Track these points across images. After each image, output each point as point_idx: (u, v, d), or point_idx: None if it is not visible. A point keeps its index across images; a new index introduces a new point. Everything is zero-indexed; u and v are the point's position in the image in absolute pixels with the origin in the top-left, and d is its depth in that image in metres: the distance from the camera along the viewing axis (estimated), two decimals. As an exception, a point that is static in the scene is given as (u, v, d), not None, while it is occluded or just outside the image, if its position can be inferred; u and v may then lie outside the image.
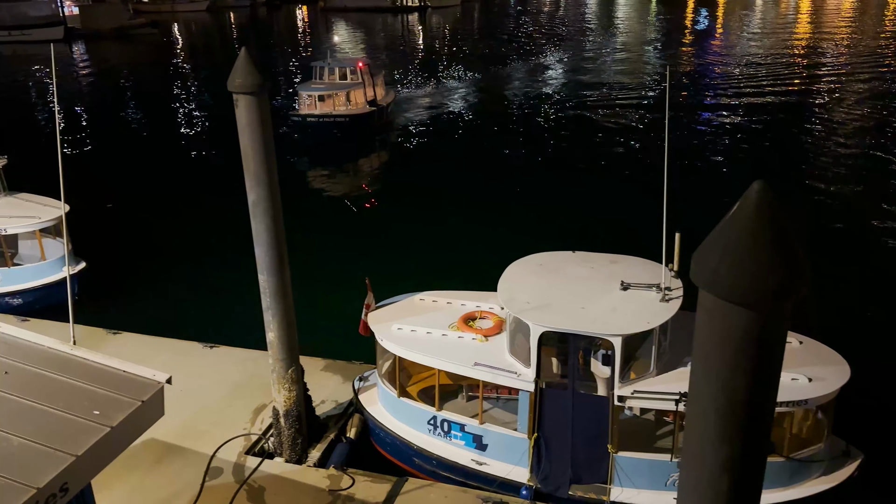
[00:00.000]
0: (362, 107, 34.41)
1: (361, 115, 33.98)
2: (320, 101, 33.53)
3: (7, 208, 17.84)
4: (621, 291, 10.37)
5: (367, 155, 33.76)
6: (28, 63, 64.92)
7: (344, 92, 33.95)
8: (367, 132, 34.43)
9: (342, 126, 33.32)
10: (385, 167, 32.54)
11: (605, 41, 71.99)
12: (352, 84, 34.39)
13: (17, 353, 6.73)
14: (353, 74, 34.67)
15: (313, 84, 34.66)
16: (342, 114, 33.43)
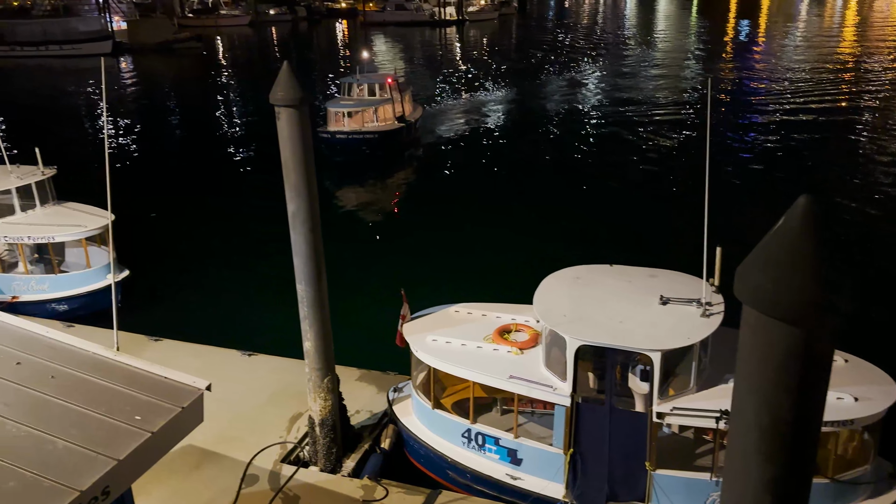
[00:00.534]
0: (391, 123, 34.18)
1: (390, 131, 33.76)
2: (349, 118, 33.33)
3: (55, 217, 18.40)
4: (660, 306, 10.21)
5: (399, 170, 33.65)
6: (77, 76, 67.02)
7: (372, 108, 33.76)
8: (395, 148, 34.22)
9: (371, 142, 33.12)
10: (416, 181, 32.50)
11: (643, 53, 71.46)
12: (380, 100, 34.17)
13: (63, 358, 6.90)
14: (381, 90, 34.52)
15: (342, 100, 34.52)
16: (371, 130, 33.18)
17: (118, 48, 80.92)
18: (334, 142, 32.77)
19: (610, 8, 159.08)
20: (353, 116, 33.29)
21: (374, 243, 23.93)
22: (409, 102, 36.55)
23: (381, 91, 34.46)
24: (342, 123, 33.16)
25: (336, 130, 32.94)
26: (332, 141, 32.74)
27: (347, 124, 33.17)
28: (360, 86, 34.76)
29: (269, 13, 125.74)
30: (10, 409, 6.14)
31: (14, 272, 18.29)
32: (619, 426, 9.99)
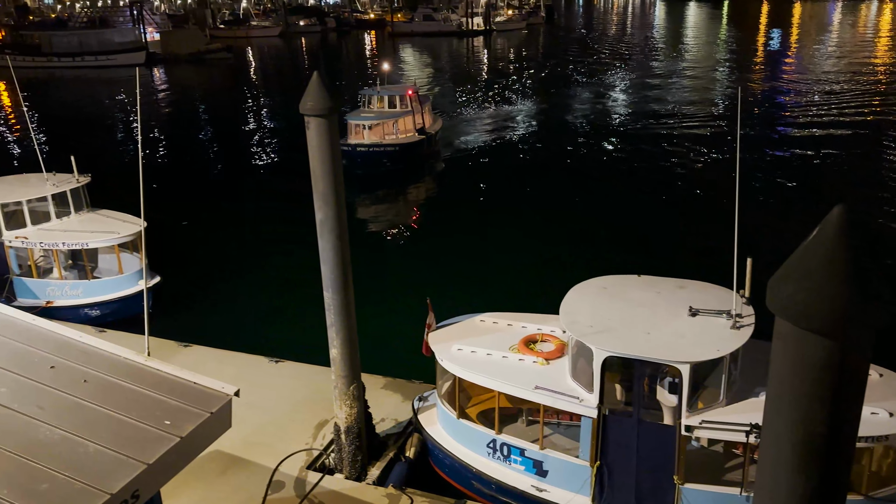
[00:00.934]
0: (412, 135, 33.74)
1: (411, 143, 33.33)
2: (369, 130, 32.67)
3: (89, 224, 18.77)
4: (689, 317, 10.09)
5: (420, 181, 33.53)
6: (112, 86, 68.45)
7: (393, 120, 33.25)
8: (416, 160, 33.81)
9: (392, 155, 32.63)
10: (439, 192, 32.44)
11: (672, 62, 70.98)
12: (401, 112, 33.76)
13: (96, 363, 7.02)
14: (402, 102, 34.12)
15: (362, 112, 34.00)
16: (392, 143, 32.68)
17: (151, 58, 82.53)
18: (355, 155, 32.07)
19: (639, 18, 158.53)
20: (373, 129, 32.74)
21: (399, 252, 24.04)
22: (428, 114, 36.23)
23: (402, 103, 34.17)
24: (362, 136, 32.65)
25: (356, 143, 32.41)
26: (353, 154, 32.07)
27: (367, 137, 32.61)
28: (380, 98, 34.41)
29: (299, 24, 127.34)
30: (45, 413, 6.26)
31: (49, 277, 18.69)
32: (646, 439, 9.86)
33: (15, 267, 18.45)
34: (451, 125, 44.13)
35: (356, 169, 31.70)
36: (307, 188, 10.76)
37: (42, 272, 18.80)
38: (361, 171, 31.84)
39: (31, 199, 18.50)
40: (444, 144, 38.55)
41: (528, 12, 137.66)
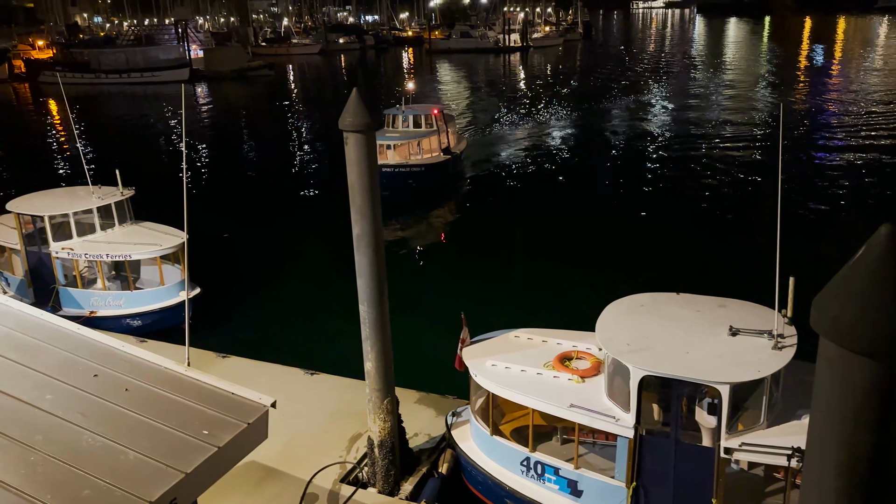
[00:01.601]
0: (437, 155, 32.98)
1: (437, 164, 32.57)
2: (393, 150, 31.71)
3: (132, 236, 19.23)
4: (729, 337, 9.89)
5: (449, 200, 32.99)
6: (156, 102, 70.37)
7: (418, 140, 32.40)
8: (441, 181, 33.14)
9: (417, 175, 31.78)
10: (470, 209, 31.79)
11: (712, 78, 70.20)
12: (426, 132, 32.98)
13: (137, 372, 7.16)
14: (427, 122, 33.37)
15: (387, 132, 32.89)
16: (417, 163, 31.89)
17: (195, 75, 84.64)
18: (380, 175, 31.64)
19: (677, 33, 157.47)
20: (397, 149, 31.85)
21: (433, 267, 24.08)
22: (453, 134, 35.56)
23: (427, 123, 33.43)
24: (386, 156, 31.63)
25: (381, 164, 31.81)
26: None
27: (392, 157, 31.67)
28: (405, 117, 33.55)
29: (339, 42, 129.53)
30: (87, 420, 6.40)
31: (93, 288, 19.16)
32: (684, 460, 9.67)
33: (61, 277, 18.97)
34: (484, 141, 44.24)
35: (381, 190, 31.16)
36: (345, 202, 10.88)
37: (86, 283, 19.29)
38: (387, 191, 31.76)
39: (78, 212, 19.02)
40: (476, 161, 38.50)
41: (565, 29, 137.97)
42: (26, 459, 5.87)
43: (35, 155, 46.58)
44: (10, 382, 6.72)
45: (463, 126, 50.84)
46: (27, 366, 7.02)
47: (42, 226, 18.74)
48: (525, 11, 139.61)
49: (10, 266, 20.12)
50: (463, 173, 35.88)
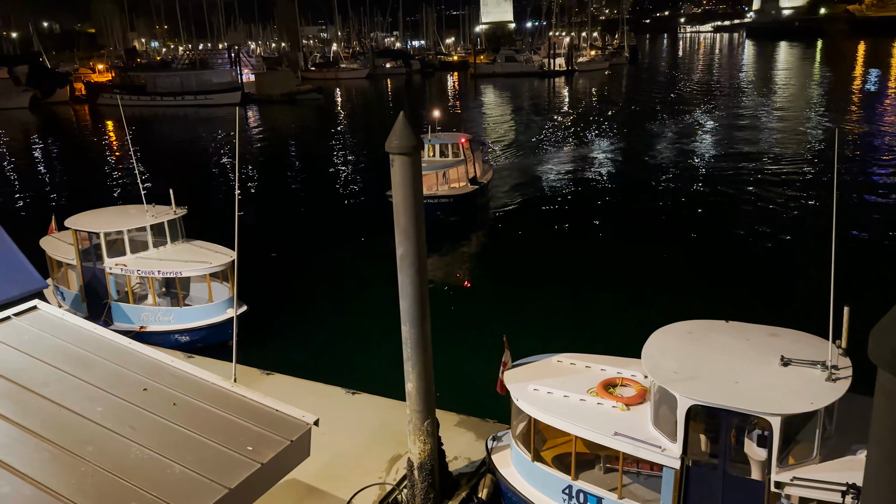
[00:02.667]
0: (464, 185, 31.63)
1: (465, 194, 31.19)
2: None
3: (183, 253, 19.71)
4: (781, 367, 9.59)
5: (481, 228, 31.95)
6: (209, 124, 72.43)
7: (446, 170, 31.14)
8: (469, 212, 31.70)
9: (445, 207, 30.41)
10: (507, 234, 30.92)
11: (762, 103, 68.99)
12: (454, 162, 31.64)
13: (185, 387, 7.31)
14: (454, 151, 32.06)
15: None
16: (445, 194, 30.57)
17: (246, 98, 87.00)
18: None
19: (726, 57, 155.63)
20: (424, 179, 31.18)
21: (474, 289, 24.03)
22: (479, 163, 34.31)
23: (455, 151, 32.09)
24: None
25: None
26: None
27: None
28: (431, 146, 31.95)
29: (386, 66, 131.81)
30: (136, 433, 6.54)
31: (143, 303, 19.67)
32: (732, 493, 9.36)
33: (113, 292, 19.52)
34: (524, 164, 44.28)
35: None
36: (388, 224, 10.98)
37: (137, 298, 19.81)
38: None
39: (132, 229, 19.62)
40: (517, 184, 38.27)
41: (611, 53, 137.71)
42: (77, 469, 6.01)
43: (93, 174, 48.35)
44: (64, 394, 6.93)
45: (503, 148, 51.00)
46: (80, 378, 7.22)
47: (97, 242, 19.36)
48: (571, 36, 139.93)
49: (67, 281, 20.80)
50: (489, 204, 34.32)
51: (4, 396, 6.77)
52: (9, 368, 7.23)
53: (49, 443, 6.22)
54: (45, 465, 6.00)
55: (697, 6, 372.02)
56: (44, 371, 7.26)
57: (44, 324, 8.16)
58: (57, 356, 7.56)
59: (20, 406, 6.66)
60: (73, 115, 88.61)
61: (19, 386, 6.95)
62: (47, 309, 8.52)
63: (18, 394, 6.85)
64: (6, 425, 6.37)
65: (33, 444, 6.19)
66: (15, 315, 8.25)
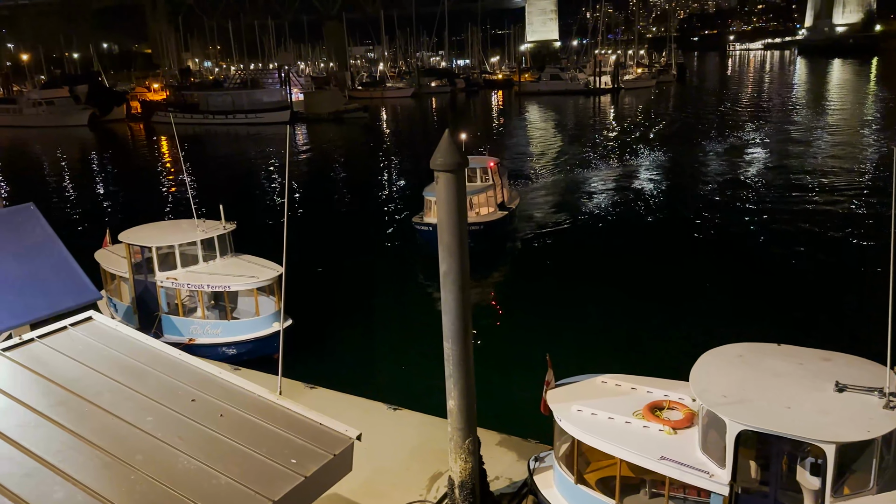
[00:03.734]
0: (493, 212, 29.69)
1: (495, 221, 29.29)
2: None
3: (232, 267, 20.12)
4: (835, 393, 9.27)
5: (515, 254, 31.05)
6: (259, 142, 74.10)
7: (473, 196, 28.77)
8: (500, 239, 30.12)
9: (476, 234, 26.90)
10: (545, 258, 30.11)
11: (815, 122, 67.34)
12: (482, 187, 29.74)
13: (232, 399, 7.42)
14: (483, 175, 30.38)
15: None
16: (475, 221, 27.55)
17: (294, 117, 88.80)
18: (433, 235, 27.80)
19: (777, 75, 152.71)
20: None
21: (517, 307, 23.89)
22: (506, 187, 32.62)
23: (483, 176, 30.41)
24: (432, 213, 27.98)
25: (427, 222, 27.68)
26: (431, 234, 25.99)
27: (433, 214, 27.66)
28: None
29: (431, 85, 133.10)
30: (184, 443, 6.66)
31: (192, 316, 20.10)
32: (784, 523, 9.05)
33: (164, 305, 20.01)
34: (563, 182, 44.05)
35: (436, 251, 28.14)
36: (425, 243, 11.02)
37: (187, 311, 20.26)
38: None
39: (183, 244, 20.11)
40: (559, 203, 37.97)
41: (658, 70, 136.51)
42: (127, 478, 6.15)
43: (146, 189, 49.89)
44: (117, 403, 7.11)
45: (544, 165, 50.87)
46: (133, 388, 7.40)
47: (149, 256, 19.90)
48: (617, 54, 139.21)
49: (119, 293, 21.42)
50: (522, 227, 33.03)
51: (61, 404, 6.99)
52: (65, 377, 7.46)
53: (101, 451, 6.38)
54: (97, 472, 6.15)
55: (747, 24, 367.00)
56: (98, 380, 7.47)
57: (98, 334, 8.40)
58: (111, 366, 7.76)
59: (75, 414, 6.86)
60: (129, 133, 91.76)
61: (74, 394, 7.16)
62: (102, 320, 8.77)
63: (74, 402, 7.05)
64: (62, 433, 6.57)
65: (87, 452, 6.36)
66: (71, 325, 8.52)
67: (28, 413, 6.78)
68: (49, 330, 8.30)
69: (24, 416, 6.74)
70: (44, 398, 7.05)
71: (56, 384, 7.31)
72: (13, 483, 5.88)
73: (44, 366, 7.62)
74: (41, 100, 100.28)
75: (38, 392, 7.15)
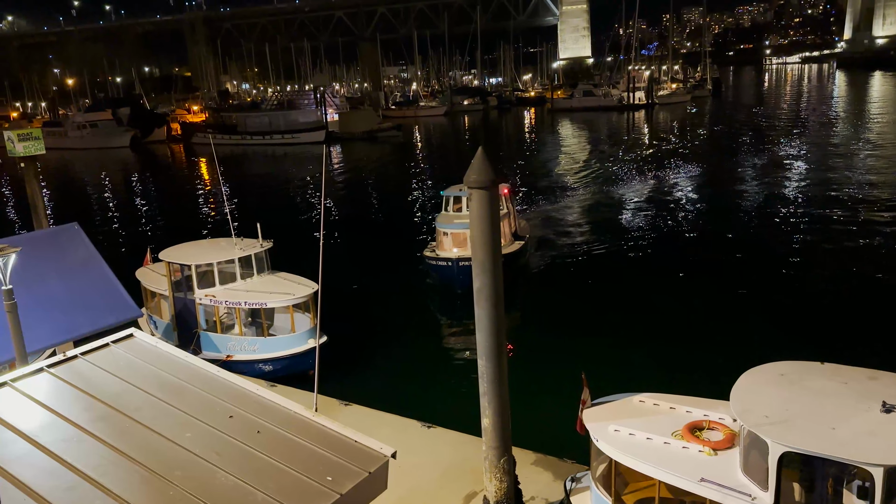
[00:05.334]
0: (510, 242, 27.04)
1: (512, 253, 26.38)
2: (450, 239, 26.38)
3: (268, 285, 20.37)
4: (882, 413, 8.96)
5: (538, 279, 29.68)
6: (295, 161, 75.23)
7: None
8: (515, 271, 27.07)
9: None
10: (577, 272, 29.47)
11: (855, 137, 65.82)
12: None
13: (269, 415, 7.49)
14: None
15: (456, 217, 27.12)
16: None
17: (330, 137, 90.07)
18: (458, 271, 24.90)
19: (815, 88, 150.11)
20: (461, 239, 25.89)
21: (550, 325, 23.64)
22: (517, 216, 30.65)
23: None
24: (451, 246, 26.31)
25: (444, 256, 26.05)
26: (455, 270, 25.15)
27: (454, 247, 26.13)
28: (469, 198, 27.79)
29: (463, 103, 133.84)
30: (221, 459, 6.73)
31: (230, 333, 20.36)
32: (830, 549, 8.74)
33: (202, 322, 20.31)
34: (594, 198, 43.76)
35: (457, 286, 25.26)
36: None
37: (225, 328, 20.53)
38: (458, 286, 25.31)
39: (221, 262, 20.44)
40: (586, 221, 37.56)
41: (693, 85, 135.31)
42: (165, 493, 6.23)
43: (186, 208, 50.94)
44: (157, 419, 7.22)
45: (576, 181, 50.65)
46: (171, 404, 7.52)
47: (189, 274, 20.26)
48: (651, 69, 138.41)
49: (159, 310, 21.83)
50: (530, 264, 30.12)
51: (102, 420, 7.12)
52: (107, 393, 7.61)
53: (141, 466, 6.48)
54: (136, 487, 6.24)
55: (784, 37, 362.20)
56: (138, 396, 7.60)
57: (139, 351, 8.56)
58: (151, 383, 7.90)
59: (116, 430, 6.99)
60: (169, 154, 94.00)
61: (116, 410, 7.30)
62: (142, 337, 8.95)
63: (115, 418, 7.18)
64: (103, 448, 6.69)
65: (126, 467, 6.46)
66: (113, 342, 8.70)
67: (70, 428, 6.92)
68: (92, 347, 8.48)
69: (67, 431, 6.89)
70: (85, 413, 7.19)
71: (98, 400, 7.45)
72: (55, 497, 6.00)
73: (86, 382, 7.78)
74: (85, 122, 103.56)
75: (81, 408, 7.31)
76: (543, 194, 46.61)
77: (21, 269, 11.98)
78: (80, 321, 16.01)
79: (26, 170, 25.96)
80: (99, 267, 17.94)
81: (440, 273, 26.68)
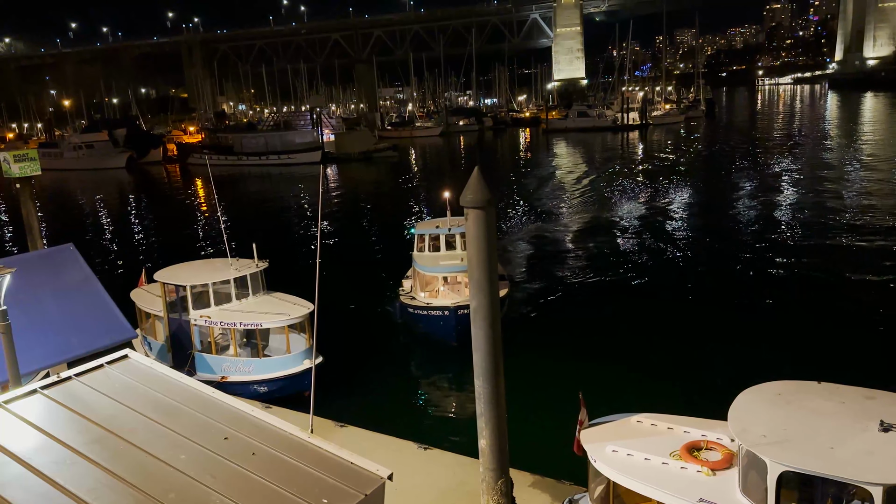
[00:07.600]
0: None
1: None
2: (447, 284, 23.88)
3: (264, 305, 20.28)
4: (880, 432, 8.93)
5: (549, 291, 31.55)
6: (291, 181, 75.35)
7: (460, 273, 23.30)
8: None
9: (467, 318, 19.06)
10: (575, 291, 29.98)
11: (848, 158, 66.21)
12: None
13: (264, 437, 7.42)
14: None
15: (441, 259, 24.27)
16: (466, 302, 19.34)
17: (326, 157, 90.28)
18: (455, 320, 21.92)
19: (807, 110, 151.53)
20: (450, 283, 23.89)
21: (547, 345, 23.59)
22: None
23: None
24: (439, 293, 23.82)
25: (426, 304, 23.16)
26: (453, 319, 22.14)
27: (444, 294, 23.60)
28: (449, 237, 24.55)
29: (459, 124, 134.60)
30: (216, 482, 6.66)
31: (225, 354, 20.25)
32: (830, 570, 8.66)
33: (197, 343, 20.20)
34: (589, 218, 43.92)
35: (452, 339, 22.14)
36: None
37: (220, 349, 20.42)
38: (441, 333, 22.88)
39: (216, 282, 20.36)
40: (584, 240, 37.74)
41: (686, 106, 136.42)
42: (160, 516, 6.15)
43: (181, 229, 50.86)
44: (151, 441, 7.15)
45: (570, 202, 50.82)
46: (166, 426, 7.45)
47: (184, 295, 20.17)
48: (645, 90, 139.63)
49: (154, 331, 21.72)
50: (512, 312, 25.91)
51: (96, 442, 7.05)
52: (101, 414, 7.54)
53: (135, 488, 6.40)
54: (130, 510, 6.16)
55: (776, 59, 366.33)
56: (133, 418, 7.54)
57: (134, 372, 8.50)
58: (145, 404, 7.84)
59: (110, 452, 6.91)
60: (165, 174, 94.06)
61: (109, 432, 7.23)
62: (137, 358, 8.89)
63: (109, 440, 7.11)
64: (96, 470, 6.61)
65: (120, 490, 6.39)
66: (107, 363, 8.64)
67: (63, 450, 6.85)
68: (86, 368, 8.42)
69: (60, 453, 6.81)
70: (79, 436, 7.12)
71: (92, 422, 7.38)
72: (48, 521, 5.92)
73: (80, 403, 7.72)
74: (81, 143, 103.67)
75: (74, 430, 7.24)
76: (539, 214, 46.77)
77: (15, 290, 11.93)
78: (75, 342, 15.91)
79: (22, 190, 25.91)
80: (94, 288, 17.87)
81: (426, 325, 23.36)
